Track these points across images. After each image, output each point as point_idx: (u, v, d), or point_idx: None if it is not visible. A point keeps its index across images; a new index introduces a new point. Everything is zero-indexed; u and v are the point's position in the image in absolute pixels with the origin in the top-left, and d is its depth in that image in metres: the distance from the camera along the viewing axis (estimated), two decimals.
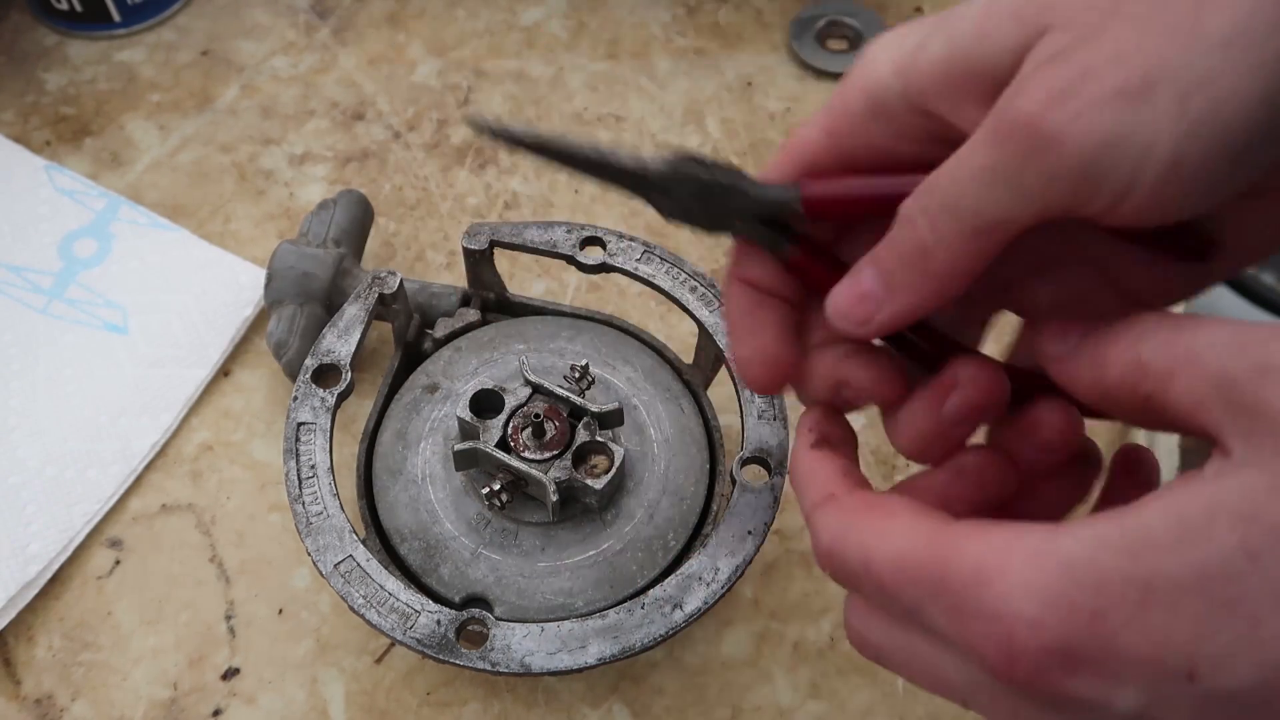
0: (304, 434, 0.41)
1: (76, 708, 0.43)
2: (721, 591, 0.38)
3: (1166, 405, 0.23)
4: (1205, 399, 0.23)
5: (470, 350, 0.47)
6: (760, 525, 0.39)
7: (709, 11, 0.68)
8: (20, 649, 0.45)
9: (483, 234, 0.46)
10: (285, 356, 0.48)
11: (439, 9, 0.68)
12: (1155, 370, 0.24)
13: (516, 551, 0.41)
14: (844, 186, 0.29)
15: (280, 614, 0.46)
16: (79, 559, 0.47)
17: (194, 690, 0.44)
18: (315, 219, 0.52)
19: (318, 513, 0.39)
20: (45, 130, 0.61)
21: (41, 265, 0.55)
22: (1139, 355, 0.24)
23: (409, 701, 0.44)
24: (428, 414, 0.45)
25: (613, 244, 0.46)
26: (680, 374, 0.47)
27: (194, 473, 0.49)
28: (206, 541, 0.47)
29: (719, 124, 0.62)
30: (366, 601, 0.38)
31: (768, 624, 0.46)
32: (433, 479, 0.43)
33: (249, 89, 0.64)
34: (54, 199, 0.57)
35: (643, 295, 0.55)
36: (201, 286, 0.54)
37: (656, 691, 0.44)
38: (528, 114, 0.63)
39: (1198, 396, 0.23)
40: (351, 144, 0.61)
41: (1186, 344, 0.23)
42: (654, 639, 0.37)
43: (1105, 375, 0.25)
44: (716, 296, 0.45)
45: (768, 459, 0.41)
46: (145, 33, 0.66)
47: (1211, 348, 0.23)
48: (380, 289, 0.45)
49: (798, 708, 0.44)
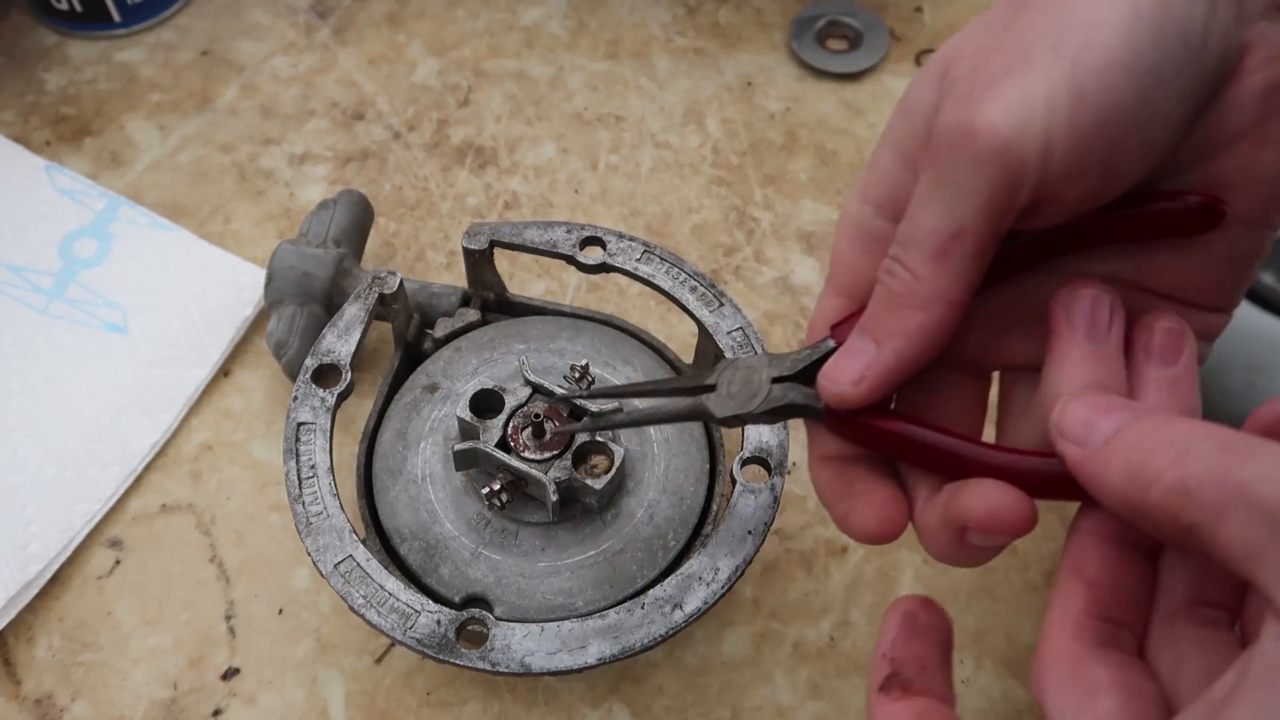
0: (304, 434, 0.41)
1: (76, 708, 0.43)
2: (721, 592, 0.38)
3: (1214, 545, 0.21)
4: (1261, 550, 0.20)
5: (470, 350, 0.47)
6: (760, 525, 0.39)
7: (709, 11, 0.68)
8: (20, 649, 0.45)
9: (483, 234, 0.46)
10: (285, 356, 0.48)
11: (439, 9, 0.68)
12: (1203, 501, 0.21)
13: (516, 551, 0.41)
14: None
15: (280, 614, 0.46)
16: (79, 559, 0.47)
17: (194, 690, 0.44)
18: (315, 219, 0.52)
19: (318, 513, 0.39)
20: (45, 130, 0.61)
21: (41, 265, 0.55)
22: (1184, 480, 0.22)
23: (409, 701, 0.44)
24: (428, 414, 0.45)
25: (613, 244, 0.46)
26: (680, 374, 0.47)
27: (194, 473, 0.49)
28: (206, 541, 0.47)
29: (719, 124, 0.62)
30: (366, 601, 0.38)
31: (768, 624, 0.46)
32: (433, 479, 0.43)
33: (249, 89, 0.64)
34: (54, 199, 0.57)
35: (643, 295, 0.55)
36: (201, 286, 0.54)
37: (656, 691, 0.44)
38: (528, 114, 0.63)
39: (1252, 545, 0.20)
40: (351, 144, 0.61)
41: (1239, 475, 0.21)
42: (654, 639, 0.37)
43: (1143, 495, 0.23)
44: (717, 296, 0.45)
45: (768, 459, 0.41)
46: (145, 33, 0.66)
47: (1266, 483, 0.20)
48: (380, 289, 0.45)
49: (798, 708, 0.44)
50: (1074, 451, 0.25)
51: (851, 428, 0.30)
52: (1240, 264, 0.30)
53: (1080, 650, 0.25)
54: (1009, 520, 0.26)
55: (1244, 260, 0.29)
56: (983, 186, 0.26)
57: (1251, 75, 0.27)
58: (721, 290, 0.45)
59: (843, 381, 0.29)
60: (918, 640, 0.27)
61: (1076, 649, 0.25)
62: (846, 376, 0.29)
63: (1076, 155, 0.26)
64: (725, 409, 0.32)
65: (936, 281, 0.27)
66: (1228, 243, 0.29)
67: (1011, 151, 0.25)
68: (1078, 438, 0.25)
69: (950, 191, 0.27)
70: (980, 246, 0.27)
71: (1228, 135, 0.27)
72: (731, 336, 0.44)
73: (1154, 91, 0.26)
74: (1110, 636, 0.25)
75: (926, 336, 0.28)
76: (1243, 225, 0.28)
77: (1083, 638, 0.25)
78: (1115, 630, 0.25)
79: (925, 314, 0.28)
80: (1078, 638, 0.25)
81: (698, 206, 0.59)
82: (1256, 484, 0.20)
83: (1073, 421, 0.25)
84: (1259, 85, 0.27)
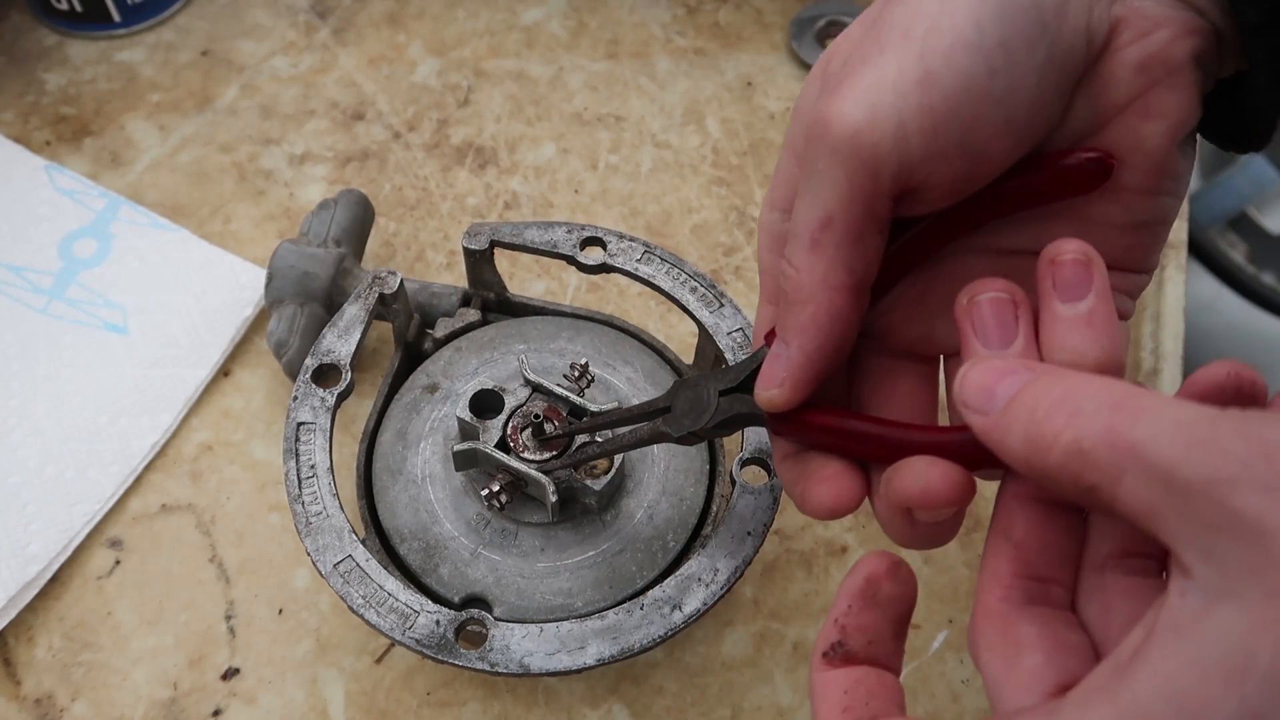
0: (304, 434, 0.41)
1: (76, 708, 0.43)
2: (721, 592, 0.38)
3: (1115, 504, 0.21)
4: (1157, 507, 0.20)
5: (470, 350, 0.47)
6: (760, 526, 0.39)
7: (709, 11, 0.68)
8: (20, 649, 0.45)
9: (483, 234, 0.46)
10: (285, 356, 0.48)
11: (439, 9, 0.68)
12: (1099, 463, 0.21)
13: (516, 552, 0.41)
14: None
15: (280, 614, 0.46)
16: (79, 559, 0.47)
17: (194, 690, 0.44)
18: (316, 219, 0.52)
19: (317, 513, 0.39)
20: (45, 130, 0.61)
21: (41, 265, 0.55)
22: (1079, 442, 0.22)
23: (409, 702, 0.44)
24: (428, 414, 0.45)
25: (613, 244, 0.46)
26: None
27: (194, 473, 0.49)
28: (206, 541, 0.48)
29: (719, 124, 0.62)
30: (366, 601, 0.38)
31: (768, 624, 0.46)
32: (433, 479, 0.43)
33: (249, 89, 0.64)
34: (54, 199, 0.57)
35: (643, 295, 0.55)
36: (201, 286, 0.54)
37: (656, 691, 0.44)
38: (528, 114, 0.63)
39: (1148, 503, 0.21)
40: (351, 144, 0.61)
41: (1130, 435, 0.21)
42: (653, 640, 0.37)
43: (1044, 458, 0.22)
44: (717, 297, 0.45)
45: (767, 460, 0.41)
46: (145, 33, 0.66)
47: (1157, 443, 0.20)
48: (380, 289, 0.45)
49: (798, 708, 0.44)
50: (977, 420, 0.25)
51: (791, 427, 0.31)
52: (1145, 231, 0.30)
53: (1008, 610, 0.25)
54: (943, 493, 0.26)
55: (1148, 228, 0.30)
56: (841, 175, 0.27)
57: (1125, 49, 0.27)
58: (721, 290, 0.45)
59: (770, 387, 0.30)
60: (873, 610, 0.27)
61: (1004, 609, 0.25)
62: (772, 382, 0.30)
63: (933, 135, 0.27)
64: (681, 428, 0.34)
65: (815, 271, 0.28)
66: (1125, 211, 0.29)
67: (863, 137, 0.26)
68: (979, 405, 0.25)
69: (815, 183, 0.28)
70: (851, 232, 0.28)
71: (1110, 109, 0.28)
72: (731, 337, 0.44)
73: (1005, 67, 0.26)
74: (1039, 594, 0.25)
75: (820, 327, 0.29)
76: (1136, 194, 0.29)
77: (1011, 598, 0.25)
78: (1044, 587, 0.26)
79: (813, 305, 0.28)
80: (1006, 599, 0.25)
81: (698, 206, 0.59)
82: (1147, 444, 0.20)
83: (973, 389, 0.25)
84: (1134, 59, 0.27)
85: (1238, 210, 0.99)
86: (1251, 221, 0.99)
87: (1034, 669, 0.24)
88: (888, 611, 0.27)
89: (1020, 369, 0.25)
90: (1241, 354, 1.02)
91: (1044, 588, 0.26)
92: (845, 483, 0.30)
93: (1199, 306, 1.00)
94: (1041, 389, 0.23)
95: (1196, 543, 0.20)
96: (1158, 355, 0.51)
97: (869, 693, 0.26)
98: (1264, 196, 0.97)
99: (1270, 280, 0.99)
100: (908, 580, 0.27)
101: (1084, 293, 0.26)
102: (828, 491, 0.30)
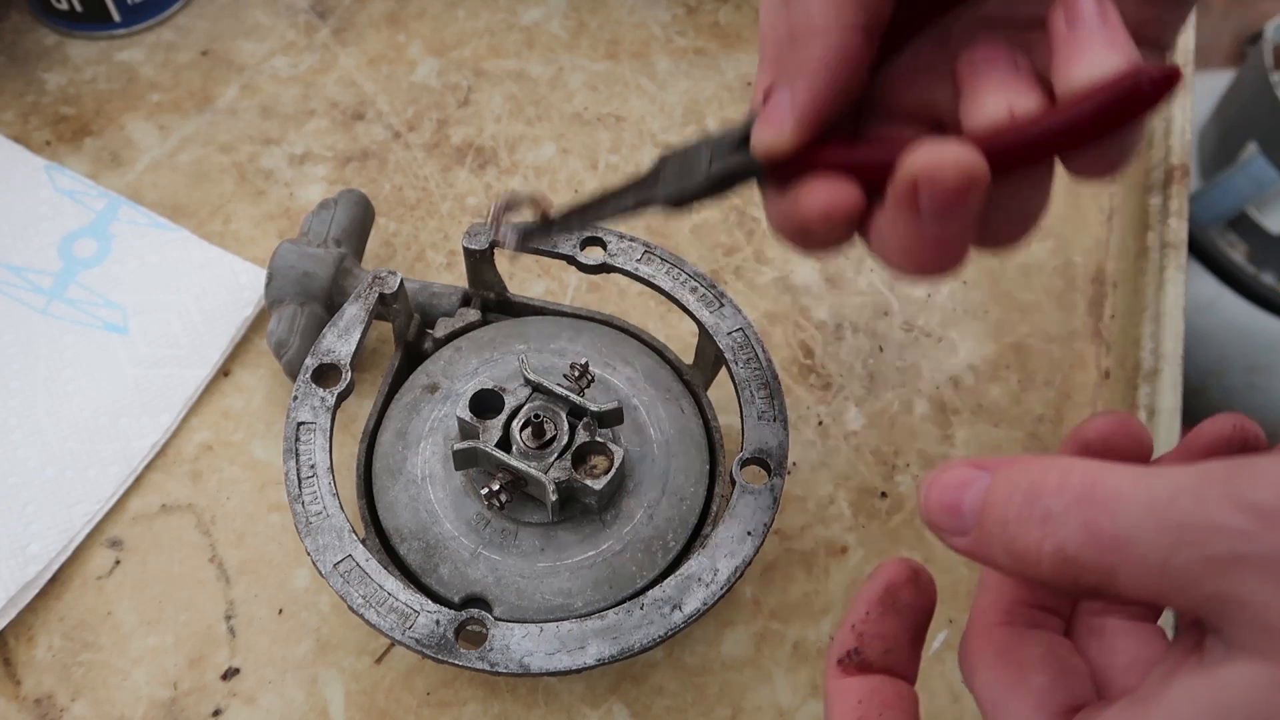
0: (304, 434, 0.41)
1: (76, 708, 0.43)
2: (721, 592, 0.38)
3: (1121, 595, 0.21)
4: (1161, 591, 0.20)
5: (470, 350, 0.47)
6: (760, 526, 0.39)
7: (709, 11, 0.68)
8: (20, 649, 0.45)
9: (483, 234, 0.46)
10: (285, 356, 0.48)
11: (439, 9, 0.68)
12: (1090, 566, 0.20)
13: (516, 552, 0.41)
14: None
15: (280, 614, 0.46)
16: (79, 559, 0.47)
17: (194, 690, 0.44)
18: (316, 218, 0.52)
19: (317, 512, 0.39)
20: (45, 130, 0.61)
21: (41, 265, 0.55)
22: (1062, 550, 0.21)
23: (409, 702, 0.44)
24: (428, 414, 0.45)
25: (613, 244, 0.46)
26: (680, 374, 0.47)
27: (194, 473, 0.49)
28: (206, 541, 0.48)
29: (719, 124, 0.62)
30: (366, 601, 0.38)
31: (768, 624, 0.46)
32: (433, 479, 0.43)
33: (249, 89, 0.64)
34: (54, 199, 0.57)
35: (643, 295, 0.55)
36: (201, 286, 0.54)
37: (656, 691, 0.44)
38: (528, 114, 0.63)
39: (1151, 589, 0.20)
40: (351, 144, 0.61)
41: (1113, 532, 0.20)
42: (653, 640, 0.37)
43: (1036, 570, 0.21)
44: (717, 297, 0.45)
45: (767, 460, 0.41)
46: (145, 33, 0.66)
47: (1142, 533, 0.20)
48: (380, 289, 0.45)
49: (798, 708, 0.44)
50: (959, 543, 0.23)
51: (791, 173, 0.29)
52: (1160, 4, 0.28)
53: (1010, 633, 0.25)
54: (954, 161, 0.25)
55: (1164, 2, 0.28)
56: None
57: None
58: (722, 290, 0.45)
59: (769, 133, 0.28)
60: (891, 618, 0.26)
61: (1005, 632, 0.25)
62: (771, 128, 0.28)
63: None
64: (669, 189, 0.32)
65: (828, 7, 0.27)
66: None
67: None
68: (953, 527, 0.23)
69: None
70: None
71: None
72: (732, 337, 0.44)
73: None
74: (1039, 620, 0.25)
75: (829, 68, 0.28)
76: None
77: (1014, 622, 0.25)
78: (1043, 615, 0.26)
79: (824, 40, 0.27)
80: (1007, 622, 0.25)
81: (697, 206, 0.59)
82: (1132, 537, 0.20)
83: (939, 511, 0.23)
84: None
85: (1238, 210, 0.99)
86: (1251, 221, 0.99)
87: (1041, 689, 0.24)
88: (906, 619, 0.26)
89: (973, 475, 0.23)
90: (1241, 354, 1.02)
91: (1043, 616, 0.26)
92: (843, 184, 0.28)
93: (1199, 306, 1.00)
94: (1003, 496, 0.22)
95: (1206, 610, 0.20)
96: (1158, 355, 0.51)
97: (883, 703, 0.25)
98: (1264, 196, 0.97)
99: (1270, 280, 0.99)
100: (928, 588, 0.27)
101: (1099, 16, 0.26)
102: (822, 192, 0.28)
